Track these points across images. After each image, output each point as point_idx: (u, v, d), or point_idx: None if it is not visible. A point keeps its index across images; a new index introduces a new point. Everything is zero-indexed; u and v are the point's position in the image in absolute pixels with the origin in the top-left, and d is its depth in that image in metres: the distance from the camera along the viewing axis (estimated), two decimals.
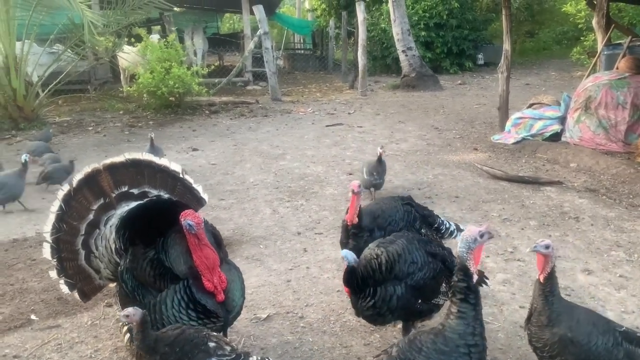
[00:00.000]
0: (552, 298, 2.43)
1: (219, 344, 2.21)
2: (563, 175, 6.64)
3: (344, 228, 3.50)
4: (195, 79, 11.22)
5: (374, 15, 20.23)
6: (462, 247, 2.21)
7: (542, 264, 2.48)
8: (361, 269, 2.80)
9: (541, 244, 2.48)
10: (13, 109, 9.96)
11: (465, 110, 11.67)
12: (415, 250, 2.79)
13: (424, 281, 2.74)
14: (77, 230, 2.92)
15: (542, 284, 2.44)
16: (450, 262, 2.91)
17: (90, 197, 2.95)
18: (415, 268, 2.74)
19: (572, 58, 18.12)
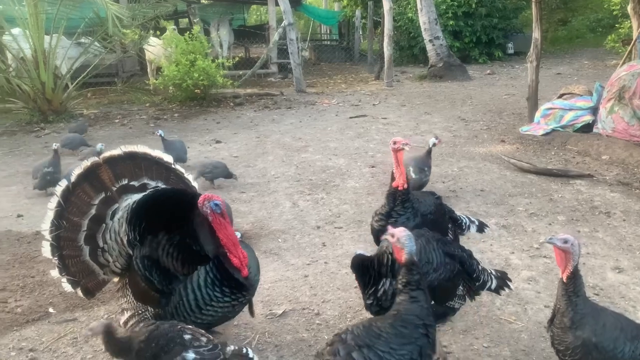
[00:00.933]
0: (575, 299, 2.30)
1: (195, 336, 2.21)
2: (594, 168, 6.40)
3: (391, 196, 3.28)
4: (219, 72, 11.24)
5: (400, 4, 19.92)
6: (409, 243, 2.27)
7: (563, 260, 2.36)
8: (374, 260, 2.69)
9: (559, 237, 2.36)
10: (42, 102, 10.14)
11: (494, 100, 11.39)
12: (432, 251, 2.68)
13: (438, 282, 2.63)
14: (79, 226, 2.88)
15: (565, 283, 2.31)
16: (469, 265, 2.81)
17: (91, 192, 2.91)
18: (430, 268, 2.62)
19: (607, 46, 17.51)
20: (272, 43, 15.39)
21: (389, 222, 3.09)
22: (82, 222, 2.87)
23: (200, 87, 11.11)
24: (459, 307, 2.84)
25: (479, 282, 2.86)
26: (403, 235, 2.27)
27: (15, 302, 3.56)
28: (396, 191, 3.26)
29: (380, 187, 5.88)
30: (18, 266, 4.10)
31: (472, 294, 2.89)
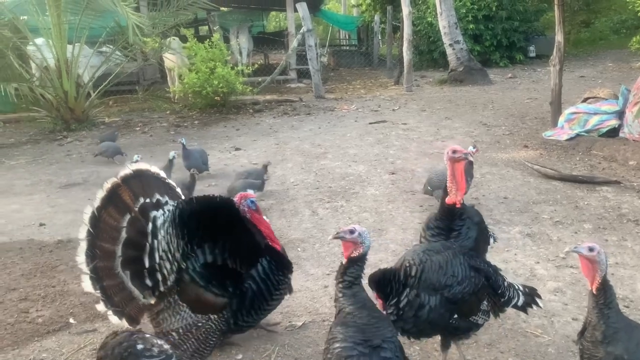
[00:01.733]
0: (608, 311, 2.21)
1: (146, 346, 2.16)
2: (621, 174, 6.23)
3: (447, 212, 2.98)
4: (239, 79, 11.29)
5: (420, 8, 19.82)
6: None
7: (590, 271, 2.27)
8: (398, 272, 2.63)
9: (584, 245, 2.27)
10: (65, 110, 10.30)
11: (516, 105, 11.22)
12: (458, 265, 2.61)
13: (462, 295, 2.56)
14: (113, 253, 2.76)
15: (595, 295, 2.22)
16: (494, 281, 2.74)
17: (117, 214, 2.80)
18: (454, 281, 2.56)
19: (632, 48, 17.17)
20: (291, 49, 15.41)
21: (450, 237, 2.98)
22: (115, 249, 2.77)
23: (220, 94, 11.16)
24: (483, 322, 2.76)
25: (504, 298, 2.78)
26: (364, 230, 2.36)
27: (37, 312, 3.57)
28: (453, 208, 2.97)
29: (400, 194, 5.81)
30: (40, 275, 4.12)
31: (497, 311, 2.81)
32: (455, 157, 2.91)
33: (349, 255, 2.38)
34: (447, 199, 2.96)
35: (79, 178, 7.05)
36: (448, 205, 2.96)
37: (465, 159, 2.94)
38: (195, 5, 11.06)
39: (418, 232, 4.68)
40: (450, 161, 2.94)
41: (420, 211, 5.34)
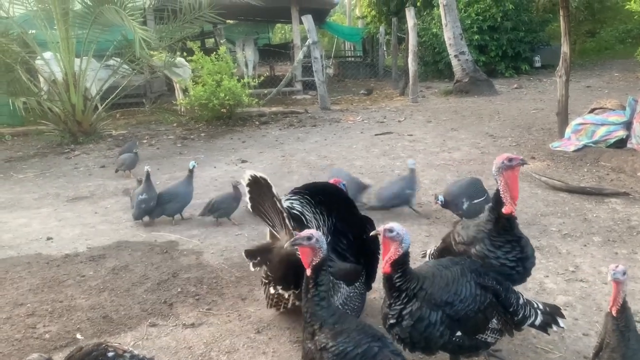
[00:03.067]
0: (628, 333, 2.19)
1: (117, 353, 2.18)
2: (630, 185, 6.18)
3: (504, 222, 2.86)
4: (245, 91, 11.33)
5: (425, 20, 19.91)
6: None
7: (614, 292, 2.24)
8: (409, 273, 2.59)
9: (619, 270, 2.23)
10: (72, 123, 10.36)
11: (522, 115, 11.20)
12: (464, 282, 2.57)
13: (465, 313, 2.51)
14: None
15: (616, 317, 2.19)
16: (504, 298, 2.67)
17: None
18: (456, 299, 2.51)
19: (638, 58, 17.14)
20: (297, 61, 15.48)
21: (521, 245, 2.91)
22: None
23: (227, 106, 11.22)
24: (494, 341, 2.71)
25: (518, 317, 2.71)
26: (319, 234, 2.35)
27: (44, 328, 3.56)
28: (512, 218, 2.87)
29: (407, 207, 5.78)
30: (47, 290, 4.12)
31: (510, 329, 2.76)
32: (511, 165, 2.83)
33: (310, 263, 2.33)
34: (504, 209, 2.83)
35: (86, 191, 7.07)
36: (506, 215, 2.85)
37: (522, 165, 2.87)
38: (202, 19, 11.12)
39: (424, 244, 4.69)
40: (504, 170, 2.83)
41: (428, 224, 5.32)
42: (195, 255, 4.71)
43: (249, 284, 4.07)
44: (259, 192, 3.38)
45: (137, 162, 7.66)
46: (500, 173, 2.85)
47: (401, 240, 2.48)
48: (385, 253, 2.54)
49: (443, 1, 15.19)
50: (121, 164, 7.69)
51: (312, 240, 2.33)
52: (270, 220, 3.42)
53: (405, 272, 2.54)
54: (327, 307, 2.28)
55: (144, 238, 5.23)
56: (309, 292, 2.34)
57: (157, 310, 3.74)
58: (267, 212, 3.41)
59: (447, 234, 3.36)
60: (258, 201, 3.43)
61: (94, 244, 5.13)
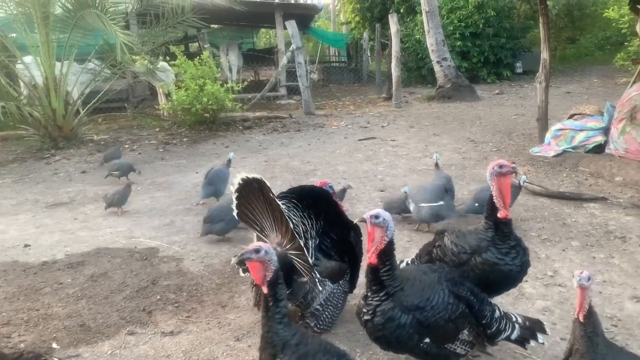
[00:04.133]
0: (596, 339, 2.21)
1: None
2: (607, 190, 6.28)
3: (503, 226, 2.90)
4: (228, 95, 11.30)
5: (408, 26, 20.07)
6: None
7: (580, 298, 2.27)
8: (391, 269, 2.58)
9: (584, 275, 2.27)
10: (53, 128, 10.23)
11: (503, 121, 11.32)
12: (439, 290, 2.56)
13: (435, 320, 2.50)
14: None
15: (583, 323, 2.22)
16: (478, 310, 2.66)
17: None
18: (428, 305, 2.51)
19: (616, 64, 17.45)
20: (281, 66, 15.50)
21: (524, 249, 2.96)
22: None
23: (210, 111, 11.17)
24: (464, 352, 2.68)
25: (491, 330, 2.69)
26: (269, 247, 2.22)
27: (19, 337, 3.50)
28: (508, 221, 2.91)
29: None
30: (23, 299, 4.05)
31: (482, 341, 2.73)
32: (502, 172, 2.88)
33: (263, 279, 2.20)
34: (500, 213, 2.87)
35: (66, 197, 6.98)
36: (503, 219, 2.89)
37: (513, 172, 2.90)
38: (185, 24, 11.08)
39: (405, 250, 4.70)
40: (496, 176, 2.88)
41: (409, 229, 5.34)
42: (175, 262, 4.67)
43: (230, 291, 4.05)
44: (249, 196, 3.36)
45: (132, 168, 7.43)
46: (492, 179, 2.91)
47: (387, 227, 2.48)
48: (371, 242, 2.52)
49: (426, 8, 15.31)
50: (114, 170, 7.43)
51: (261, 253, 2.16)
52: (259, 225, 3.41)
53: (392, 266, 2.53)
54: (288, 324, 2.17)
55: (124, 244, 5.17)
56: (269, 310, 2.19)
57: (135, 318, 3.70)
58: (255, 217, 3.41)
59: (429, 244, 3.36)
60: (246, 206, 3.41)
61: (73, 250, 5.06)
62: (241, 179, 3.36)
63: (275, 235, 3.37)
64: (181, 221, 5.80)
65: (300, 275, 3.33)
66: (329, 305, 3.42)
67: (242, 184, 3.36)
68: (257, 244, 2.24)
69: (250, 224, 3.45)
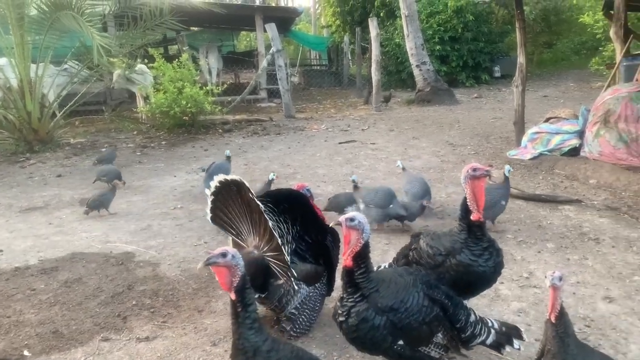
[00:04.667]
0: (567, 339, 2.24)
1: None
2: (582, 192, 6.38)
3: (477, 228, 2.92)
4: (208, 98, 11.23)
5: (388, 30, 20.21)
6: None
7: (552, 298, 2.30)
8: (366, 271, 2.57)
9: (556, 275, 2.30)
10: (28, 131, 10.05)
11: (481, 124, 11.45)
12: (413, 292, 2.56)
13: (409, 322, 2.50)
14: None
15: (555, 324, 2.24)
16: (452, 314, 2.65)
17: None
18: (402, 307, 2.50)
19: (591, 69, 17.80)
20: (261, 69, 15.48)
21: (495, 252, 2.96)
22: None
23: (188, 114, 11.10)
24: (438, 356, 2.68)
25: (466, 334, 2.68)
26: (235, 251, 2.18)
27: None
28: (481, 224, 2.93)
29: None
30: None
31: (457, 345, 2.72)
32: (476, 175, 2.89)
33: (230, 285, 2.16)
34: (473, 216, 2.90)
35: (40, 202, 6.86)
36: (476, 221, 2.92)
37: (487, 175, 2.92)
38: (163, 26, 10.99)
39: (384, 252, 4.72)
40: (470, 179, 2.90)
41: (387, 232, 5.35)
42: (151, 267, 4.62)
43: (206, 296, 4.01)
44: (226, 200, 3.34)
45: (119, 177, 7.27)
46: (466, 182, 2.94)
47: (363, 229, 2.47)
48: (347, 244, 2.52)
49: (405, 12, 15.44)
50: (102, 176, 7.22)
51: (227, 257, 2.12)
52: (235, 229, 3.38)
53: (367, 268, 2.53)
54: (259, 330, 2.14)
55: (99, 249, 5.10)
56: (238, 316, 2.15)
57: (110, 324, 3.64)
58: (232, 221, 3.38)
59: (405, 247, 3.37)
60: (222, 210, 3.38)
61: (47, 256, 4.97)
62: (218, 182, 3.32)
63: (253, 239, 3.34)
64: (158, 225, 5.73)
65: (276, 278, 3.31)
66: (305, 308, 3.39)
67: (220, 187, 3.33)
68: (224, 248, 2.21)
69: (226, 227, 3.42)
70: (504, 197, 5.17)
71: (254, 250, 3.27)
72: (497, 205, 5.10)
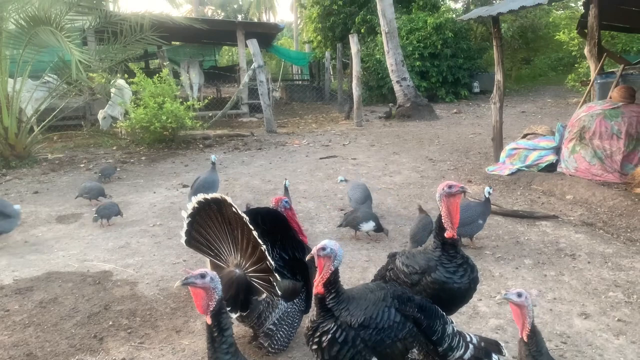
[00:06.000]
0: (540, 358, 2.26)
1: None
2: (559, 208, 6.48)
3: (450, 246, 2.99)
4: (188, 114, 11.20)
5: (369, 46, 20.42)
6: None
7: (520, 317, 2.32)
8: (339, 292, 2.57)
9: (513, 291, 2.33)
10: (4, 147, 9.88)
11: (460, 140, 11.59)
12: (383, 308, 2.55)
13: (381, 338, 2.48)
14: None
15: (527, 343, 2.27)
16: (427, 327, 2.62)
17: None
18: (372, 323, 2.49)
19: (568, 85, 18.17)
20: (242, 84, 15.51)
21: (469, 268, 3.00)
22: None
23: (169, 129, 11.04)
24: None
25: (442, 347, 2.65)
26: (214, 273, 2.18)
27: None
28: (454, 242, 2.99)
29: (348, 231, 5.81)
30: None
31: (434, 358, 2.70)
32: (451, 192, 2.95)
33: (206, 308, 2.16)
34: (447, 233, 2.95)
35: None
36: (449, 239, 2.96)
37: (462, 193, 2.97)
38: (144, 42, 10.97)
39: (364, 270, 4.73)
40: (445, 197, 2.96)
41: (368, 249, 5.36)
42: (129, 286, 4.55)
43: (185, 315, 3.97)
44: (204, 221, 3.28)
45: (103, 193, 7.25)
46: (441, 199, 2.98)
47: (334, 256, 2.48)
48: (320, 271, 2.53)
49: (385, 29, 15.63)
50: (84, 193, 7.15)
51: (206, 279, 2.11)
52: (213, 250, 3.32)
53: (338, 292, 2.53)
54: (235, 354, 2.14)
55: (76, 268, 5.02)
56: (214, 341, 2.15)
57: (85, 346, 3.58)
58: (209, 242, 3.32)
59: (383, 268, 3.37)
60: (199, 231, 3.32)
61: (22, 275, 4.87)
62: (197, 202, 3.27)
63: (234, 257, 3.30)
64: (137, 243, 5.67)
65: (259, 293, 3.27)
66: (283, 324, 3.38)
67: (198, 208, 3.28)
68: (203, 269, 2.19)
69: (203, 249, 3.36)
70: (483, 216, 5.21)
71: (235, 270, 3.24)
72: (475, 223, 5.15)
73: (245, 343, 3.56)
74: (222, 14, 48.35)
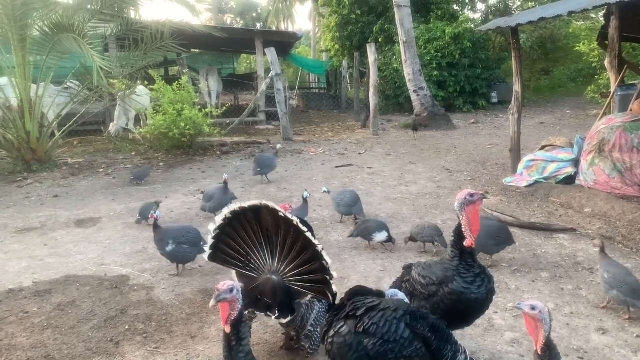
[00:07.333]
0: None
1: None
2: (577, 221, 6.40)
3: (468, 255, 2.97)
4: (207, 120, 11.31)
5: (386, 55, 20.44)
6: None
7: (534, 329, 2.30)
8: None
9: (526, 303, 2.31)
10: (26, 151, 10.08)
11: (478, 150, 11.52)
12: (393, 320, 2.49)
13: (384, 350, 2.44)
14: None
15: (541, 356, 2.25)
16: (437, 348, 2.53)
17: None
18: (378, 331, 2.46)
19: (587, 96, 17.97)
20: (260, 92, 15.62)
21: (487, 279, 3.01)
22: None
23: (187, 136, 11.16)
24: None
25: None
26: (239, 285, 2.21)
27: None
28: (472, 251, 2.98)
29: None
30: None
31: None
32: (473, 200, 2.95)
33: (227, 318, 2.20)
34: (466, 242, 2.94)
35: (37, 222, 6.86)
36: (467, 248, 2.96)
37: (482, 199, 2.97)
38: (164, 49, 11.13)
39: (379, 280, 4.72)
40: (467, 205, 2.95)
41: (382, 259, 5.35)
42: (145, 291, 4.60)
43: (200, 321, 4.00)
44: (237, 229, 3.20)
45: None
46: (462, 208, 2.98)
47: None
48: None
49: (403, 38, 15.65)
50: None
51: (234, 292, 2.18)
52: (243, 261, 3.22)
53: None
54: None
55: (94, 272, 5.09)
56: (232, 349, 2.16)
57: (102, 349, 3.62)
58: (240, 252, 3.20)
59: (398, 279, 3.36)
60: (228, 243, 3.21)
61: (41, 278, 4.96)
62: (230, 212, 3.16)
63: (270, 264, 3.19)
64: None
65: (301, 297, 3.20)
66: (317, 325, 3.35)
67: (231, 218, 3.17)
68: (230, 283, 2.21)
69: (230, 262, 3.24)
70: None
71: (272, 276, 3.15)
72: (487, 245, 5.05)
73: (260, 350, 3.57)
74: (241, 22, 48.80)
